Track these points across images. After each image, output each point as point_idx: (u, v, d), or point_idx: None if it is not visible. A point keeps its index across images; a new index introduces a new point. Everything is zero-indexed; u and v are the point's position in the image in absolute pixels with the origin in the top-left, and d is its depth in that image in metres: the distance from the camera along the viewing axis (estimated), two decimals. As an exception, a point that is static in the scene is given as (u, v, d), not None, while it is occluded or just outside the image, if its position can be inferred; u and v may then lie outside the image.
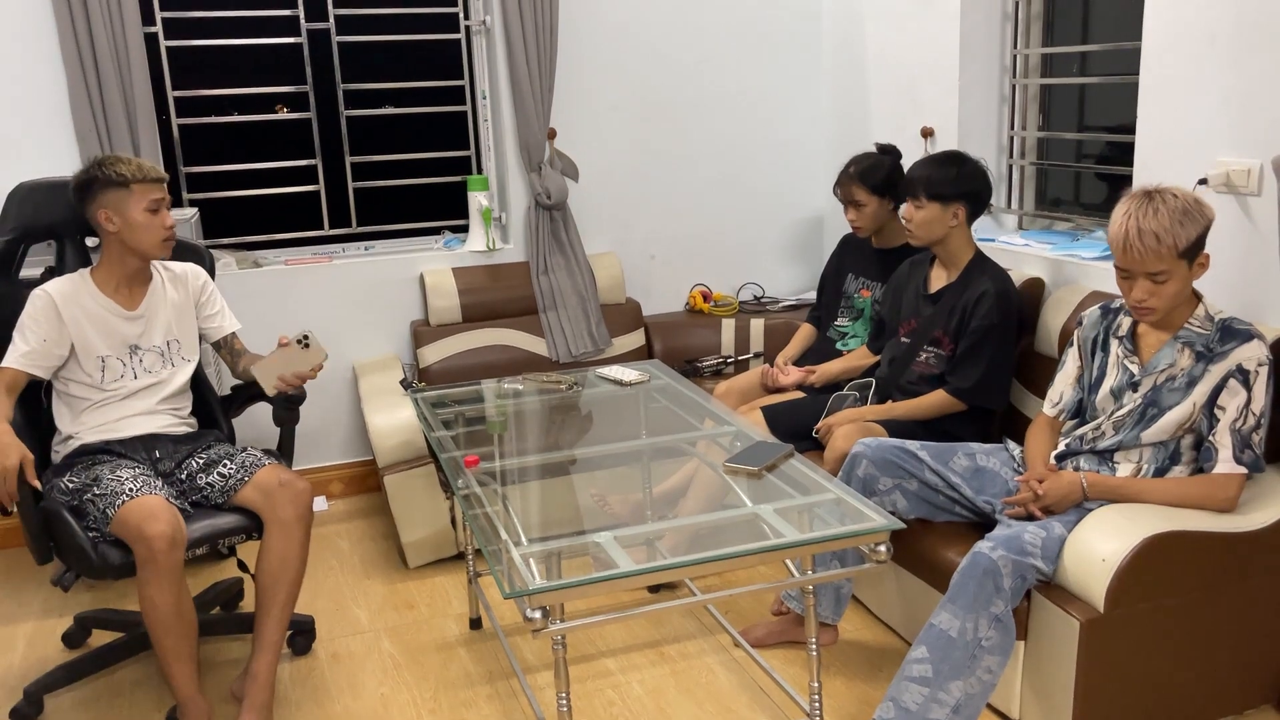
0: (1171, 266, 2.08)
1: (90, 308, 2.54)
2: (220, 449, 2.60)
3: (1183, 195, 2.09)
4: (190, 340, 2.70)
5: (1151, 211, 2.07)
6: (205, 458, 2.57)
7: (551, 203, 3.75)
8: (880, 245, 3.25)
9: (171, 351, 2.65)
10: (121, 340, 2.57)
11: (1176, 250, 2.07)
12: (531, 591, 1.81)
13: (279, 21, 3.65)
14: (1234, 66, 2.46)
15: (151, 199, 2.50)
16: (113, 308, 2.56)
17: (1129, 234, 2.08)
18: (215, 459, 2.55)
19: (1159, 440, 2.22)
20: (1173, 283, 2.10)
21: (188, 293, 2.70)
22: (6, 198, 2.65)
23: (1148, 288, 2.11)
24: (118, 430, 2.55)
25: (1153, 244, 2.06)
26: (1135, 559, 2.06)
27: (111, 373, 2.56)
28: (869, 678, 2.56)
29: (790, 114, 4.16)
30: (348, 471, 3.88)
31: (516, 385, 3.01)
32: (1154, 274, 2.09)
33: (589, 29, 3.82)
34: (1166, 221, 2.05)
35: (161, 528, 2.22)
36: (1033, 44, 3.39)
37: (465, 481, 2.34)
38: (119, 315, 2.56)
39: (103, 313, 2.55)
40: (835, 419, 2.81)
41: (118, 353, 2.57)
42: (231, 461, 2.52)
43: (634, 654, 2.71)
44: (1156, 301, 2.13)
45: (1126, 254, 2.10)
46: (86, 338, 2.53)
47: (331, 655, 2.79)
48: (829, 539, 2.03)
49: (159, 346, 2.62)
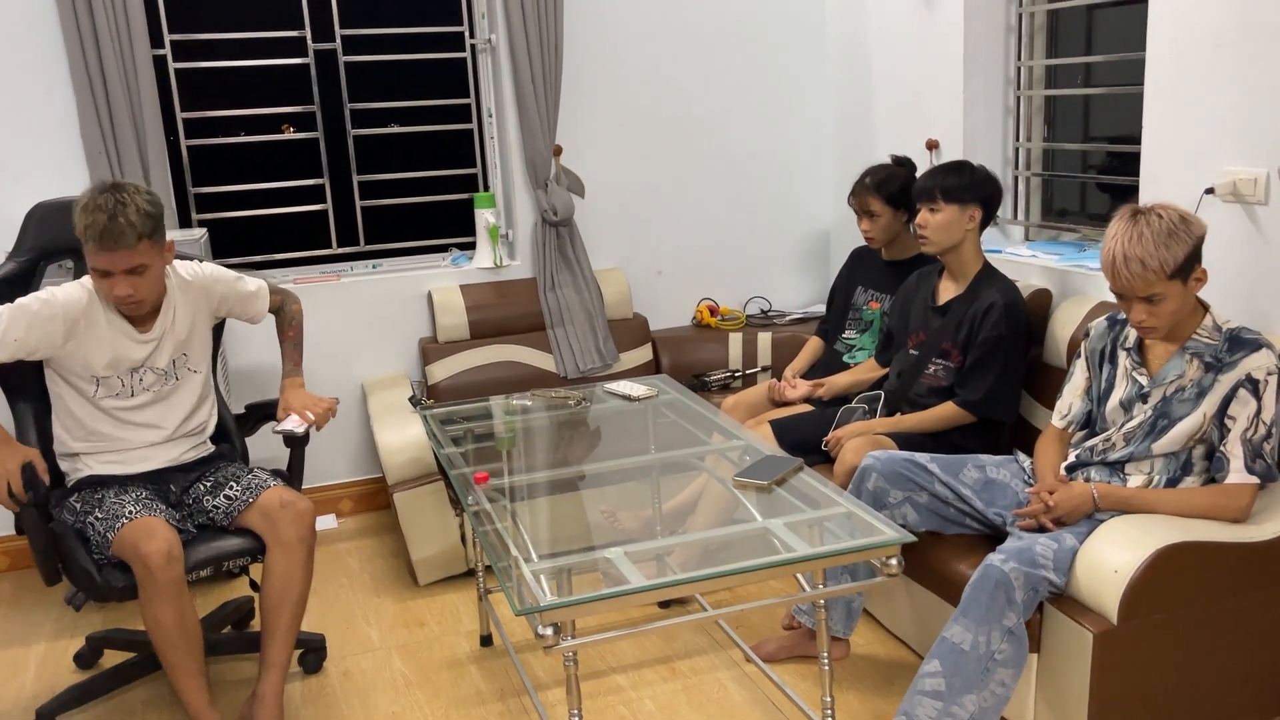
0: (1164, 289, 2.08)
1: (100, 327, 2.42)
2: (229, 470, 2.58)
3: (1168, 214, 2.08)
4: (200, 351, 2.59)
5: (1136, 236, 2.06)
6: (213, 480, 2.55)
7: (558, 219, 3.76)
8: (891, 258, 3.26)
9: (175, 367, 2.55)
10: (126, 362, 2.47)
11: (1165, 274, 2.06)
12: (542, 608, 1.81)
13: (286, 43, 3.68)
14: (1239, 76, 2.46)
15: (97, 262, 2.29)
16: (126, 330, 2.45)
17: (1116, 260, 2.09)
18: (223, 480, 2.54)
19: (1170, 451, 2.22)
20: (1169, 302, 2.10)
21: (203, 299, 2.57)
22: (25, 217, 2.66)
23: (1145, 309, 2.12)
24: (128, 465, 2.51)
25: (1139, 270, 2.06)
26: (1148, 570, 2.05)
27: (107, 389, 2.47)
28: (882, 692, 2.55)
29: (795, 128, 4.17)
30: (357, 489, 3.88)
31: (525, 401, 3.01)
32: (1147, 298, 2.10)
33: (593, 46, 3.84)
34: (1151, 246, 2.05)
35: (157, 544, 2.22)
36: (1037, 55, 3.40)
37: (475, 498, 2.35)
38: (131, 338, 2.46)
39: (114, 334, 2.44)
40: (844, 432, 2.80)
41: (117, 372, 2.47)
42: (238, 484, 2.51)
43: (645, 670, 2.71)
44: (1156, 321, 2.13)
45: (1116, 279, 2.11)
46: (88, 357, 2.42)
47: (343, 673, 2.78)
48: (840, 553, 2.02)
49: (162, 367, 2.53)
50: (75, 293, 2.41)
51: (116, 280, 2.31)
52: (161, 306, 2.51)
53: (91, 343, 2.42)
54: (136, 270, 2.32)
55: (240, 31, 3.61)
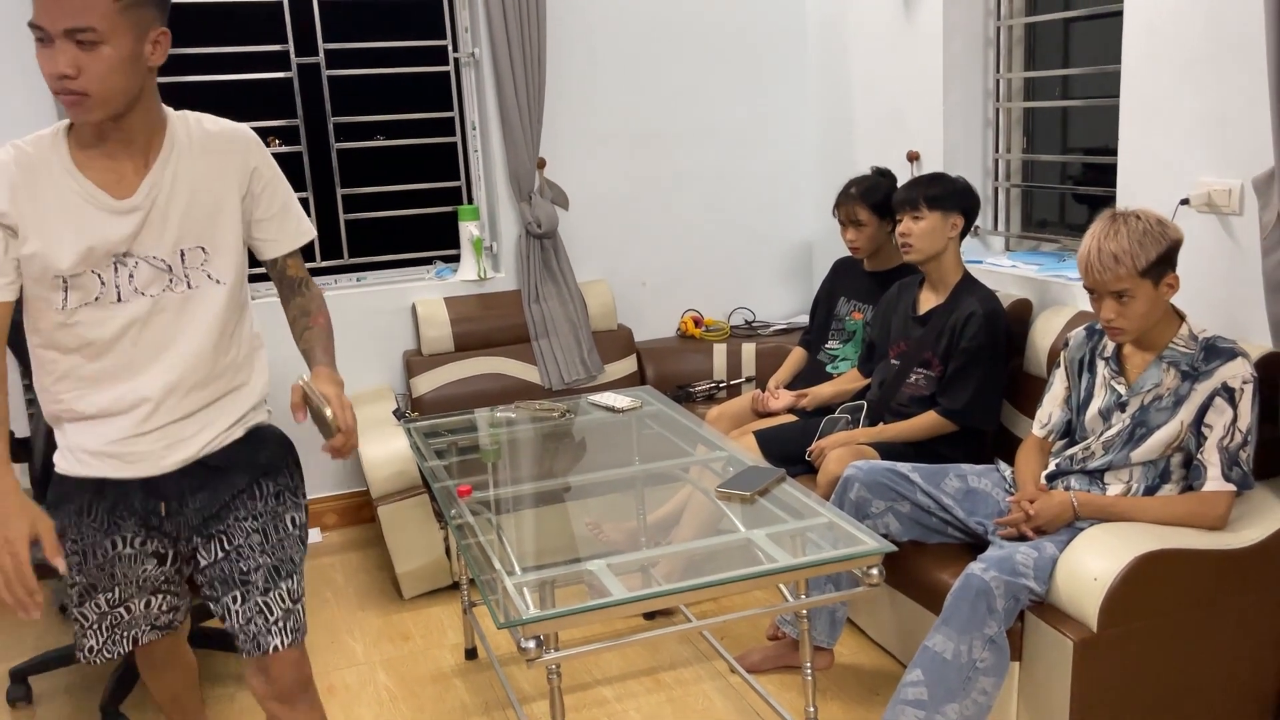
0: (1133, 285, 2.12)
1: (55, 192, 1.61)
2: (249, 529, 1.78)
3: (1147, 217, 2.14)
4: (226, 248, 1.72)
5: (1114, 233, 2.12)
6: (226, 540, 1.77)
7: (542, 231, 3.77)
8: (873, 268, 3.28)
9: (186, 264, 1.68)
10: (103, 246, 1.62)
11: (1136, 270, 2.10)
12: (525, 621, 1.81)
13: (269, 57, 3.68)
14: (1213, 88, 2.49)
15: (36, 14, 1.51)
16: (94, 194, 1.62)
17: (1090, 254, 2.14)
18: (237, 555, 1.76)
19: (1149, 459, 2.24)
20: (1138, 302, 2.13)
21: (230, 169, 1.73)
22: None
23: (1114, 307, 2.15)
24: (119, 446, 1.68)
25: (1111, 263, 2.10)
26: (1127, 578, 2.07)
27: (81, 294, 1.63)
28: (865, 701, 2.56)
29: (778, 141, 4.19)
30: (341, 503, 3.87)
31: (509, 414, 3.02)
32: (1117, 293, 2.13)
33: (576, 60, 3.86)
34: (1126, 243, 2.10)
35: (152, 672, 2.04)
36: (1015, 68, 3.43)
37: (458, 511, 2.35)
38: (102, 207, 1.63)
39: (79, 203, 1.61)
40: (827, 442, 2.82)
41: (92, 264, 1.62)
42: (249, 589, 1.76)
43: (630, 682, 2.71)
44: (1124, 322, 2.16)
45: (1089, 274, 2.15)
46: (45, 243, 1.60)
47: (327, 688, 2.77)
48: (822, 563, 2.03)
49: (162, 258, 1.67)
50: (22, 143, 1.64)
51: (55, 49, 1.51)
52: (153, 160, 1.66)
53: (48, 219, 1.60)
54: (83, 37, 1.51)
55: (223, 46, 3.61)
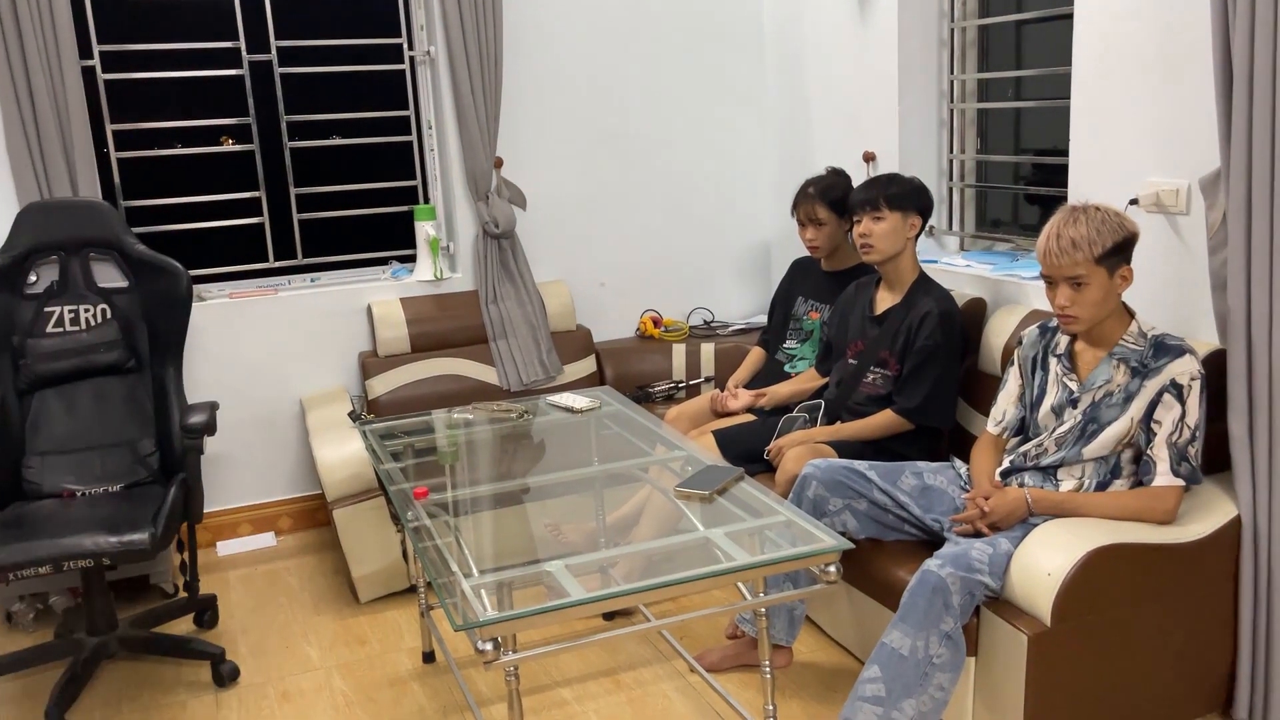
0: (1089, 272, 2.16)
1: None
2: None
3: (1106, 210, 2.19)
4: None
5: (1074, 221, 2.18)
6: None
7: (499, 231, 3.75)
8: (830, 268, 3.29)
9: None
10: None
11: (1093, 256, 2.14)
12: (482, 623, 1.79)
13: (221, 54, 3.62)
14: (1161, 90, 2.54)
15: None
16: None
17: (1049, 241, 2.19)
18: None
19: (1100, 455, 2.27)
20: (1092, 289, 2.17)
21: None
22: (18, 216, 2.99)
23: (1068, 294, 2.19)
24: None
25: (1069, 248, 2.15)
26: (1079, 572, 2.10)
27: None
28: (824, 699, 2.57)
29: (735, 141, 4.21)
30: (296, 506, 3.82)
31: (467, 415, 2.99)
32: (1072, 279, 2.17)
33: (533, 59, 3.84)
34: (1085, 230, 2.16)
35: None
36: (969, 69, 3.47)
37: (415, 514, 2.32)
38: None
39: None
40: (785, 441, 2.83)
41: None
42: None
43: (590, 683, 2.70)
44: (1078, 310, 2.19)
45: (1046, 259, 2.20)
46: None
47: (281, 694, 2.73)
48: (779, 561, 2.03)
49: None
50: None
51: None
52: None
53: None
54: None
55: (173, 42, 3.55)
